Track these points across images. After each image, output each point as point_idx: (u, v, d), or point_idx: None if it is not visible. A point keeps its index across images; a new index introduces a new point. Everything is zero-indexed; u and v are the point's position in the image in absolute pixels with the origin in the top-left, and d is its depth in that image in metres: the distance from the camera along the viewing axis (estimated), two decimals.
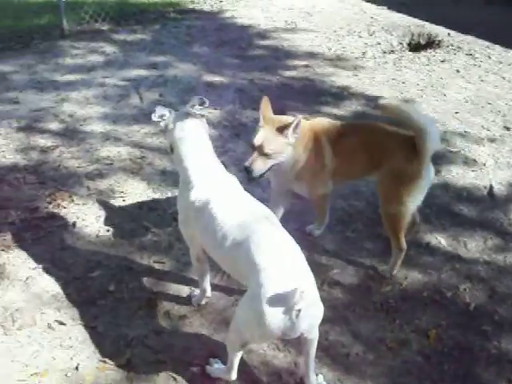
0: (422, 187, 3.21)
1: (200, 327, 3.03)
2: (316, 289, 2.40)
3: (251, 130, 3.51)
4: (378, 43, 7.74)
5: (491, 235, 3.88)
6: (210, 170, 2.80)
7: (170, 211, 3.92)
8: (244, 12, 9.15)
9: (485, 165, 4.75)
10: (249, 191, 2.84)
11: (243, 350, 2.60)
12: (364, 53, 7.39)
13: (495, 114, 5.74)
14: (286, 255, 2.42)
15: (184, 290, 3.29)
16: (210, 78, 6.40)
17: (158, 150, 4.78)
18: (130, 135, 5.07)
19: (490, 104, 5.93)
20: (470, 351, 2.96)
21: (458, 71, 6.85)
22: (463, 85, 6.45)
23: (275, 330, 2.27)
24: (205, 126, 2.91)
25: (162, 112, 2.85)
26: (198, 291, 3.17)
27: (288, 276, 2.30)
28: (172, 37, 7.83)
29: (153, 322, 3.05)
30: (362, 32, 8.23)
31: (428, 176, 3.21)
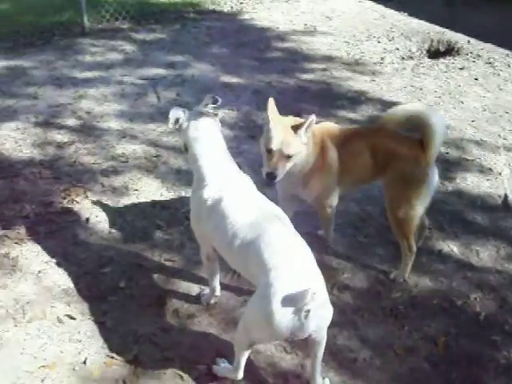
0: (429, 189, 3.22)
1: (208, 326, 3.05)
2: (326, 290, 2.40)
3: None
4: (397, 49, 7.70)
5: (504, 244, 3.85)
6: (223, 169, 2.82)
7: (182, 210, 3.94)
8: (264, 14, 9.16)
9: (500, 174, 4.71)
10: (262, 192, 2.85)
11: (250, 350, 2.61)
12: (382, 58, 7.35)
13: None
14: (297, 255, 2.43)
15: (194, 289, 3.30)
16: (227, 78, 6.42)
17: (173, 148, 4.80)
18: (146, 133, 5.10)
19: (507, 113, 5.88)
20: (479, 360, 2.94)
21: (476, 79, 6.80)
22: (481, 93, 6.40)
23: (284, 329, 2.27)
24: (218, 125, 2.92)
25: (176, 116, 2.86)
26: (208, 290, 3.19)
27: (298, 276, 2.32)
28: (191, 37, 7.86)
29: (161, 320, 3.07)
30: (381, 37, 8.19)
31: (434, 177, 3.23)
